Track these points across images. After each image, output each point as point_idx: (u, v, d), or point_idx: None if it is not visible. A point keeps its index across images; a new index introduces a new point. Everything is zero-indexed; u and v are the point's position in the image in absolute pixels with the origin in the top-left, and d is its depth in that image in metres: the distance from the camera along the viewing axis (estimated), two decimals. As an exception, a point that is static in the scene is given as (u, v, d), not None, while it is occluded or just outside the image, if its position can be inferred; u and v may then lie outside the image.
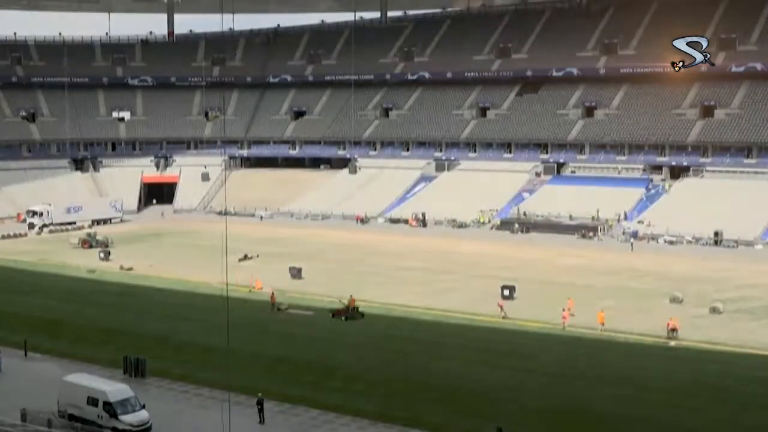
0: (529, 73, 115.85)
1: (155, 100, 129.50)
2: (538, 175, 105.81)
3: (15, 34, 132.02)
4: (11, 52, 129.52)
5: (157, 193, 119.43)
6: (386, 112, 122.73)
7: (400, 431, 35.12)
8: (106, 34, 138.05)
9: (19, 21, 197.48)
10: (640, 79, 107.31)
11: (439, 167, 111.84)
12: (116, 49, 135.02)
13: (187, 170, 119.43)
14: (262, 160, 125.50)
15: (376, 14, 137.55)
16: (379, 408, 37.14)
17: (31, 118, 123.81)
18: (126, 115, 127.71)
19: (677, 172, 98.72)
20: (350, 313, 55.12)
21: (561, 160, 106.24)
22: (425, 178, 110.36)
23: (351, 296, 56.80)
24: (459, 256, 78.70)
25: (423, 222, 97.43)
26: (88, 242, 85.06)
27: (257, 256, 76.87)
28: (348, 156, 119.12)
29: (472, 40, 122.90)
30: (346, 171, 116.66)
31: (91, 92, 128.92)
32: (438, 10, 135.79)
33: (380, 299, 60.19)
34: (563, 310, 53.35)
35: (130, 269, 72.79)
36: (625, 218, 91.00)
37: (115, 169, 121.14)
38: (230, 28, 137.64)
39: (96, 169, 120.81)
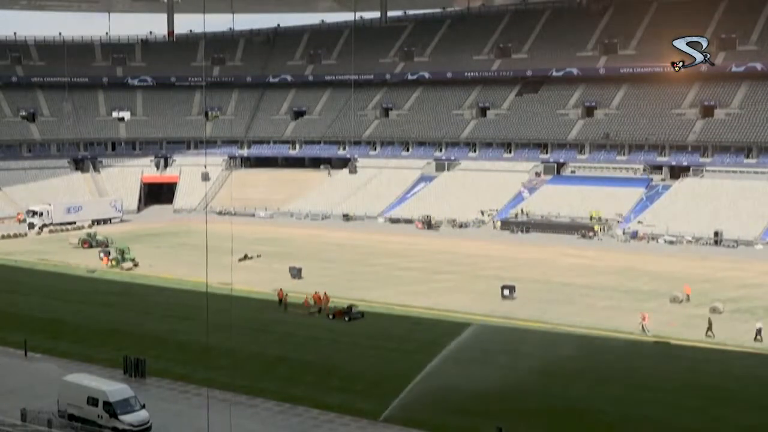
0: (529, 73, 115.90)
1: (155, 100, 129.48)
2: (538, 175, 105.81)
3: (15, 34, 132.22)
4: (11, 52, 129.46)
5: (157, 193, 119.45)
6: (386, 112, 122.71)
7: (400, 431, 35.14)
8: (106, 34, 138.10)
9: (19, 21, 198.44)
10: (640, 79, 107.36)
11: (439, 167, 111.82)
12: (116, 49, 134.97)
13: (187, 170, 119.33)
14: (262, 159, 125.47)
15: (376, 14, 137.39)
16: (379, 408, 37.11)
17: (31, 118, 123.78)
18: (126, 115, 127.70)
19: (677, 172, 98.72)
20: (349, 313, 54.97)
21: (561, 160, 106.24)
22: (425, 178, 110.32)
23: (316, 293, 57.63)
24: (459, 256, 78.65)
25: (428, 224, 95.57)
26: (88, 242, 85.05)
27: (258, 256, 76.88)
28: (348, 156, 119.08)
29: (472, 40, 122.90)
30: (346, 171, 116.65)
31: (91, 92, 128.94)
32: (438, 10, 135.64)
33: (380, 299, 60.14)
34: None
35: (130, 269, 72.77)
36: (625, 219, 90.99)
37: (115, 169, 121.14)
38: (230, 28, 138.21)
39: (96, 169, 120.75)
